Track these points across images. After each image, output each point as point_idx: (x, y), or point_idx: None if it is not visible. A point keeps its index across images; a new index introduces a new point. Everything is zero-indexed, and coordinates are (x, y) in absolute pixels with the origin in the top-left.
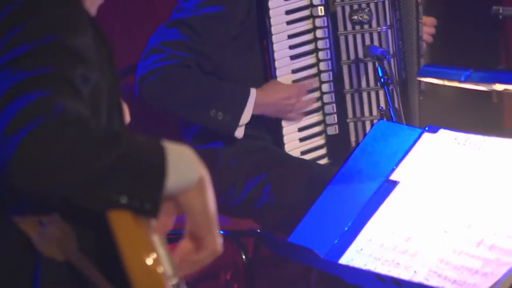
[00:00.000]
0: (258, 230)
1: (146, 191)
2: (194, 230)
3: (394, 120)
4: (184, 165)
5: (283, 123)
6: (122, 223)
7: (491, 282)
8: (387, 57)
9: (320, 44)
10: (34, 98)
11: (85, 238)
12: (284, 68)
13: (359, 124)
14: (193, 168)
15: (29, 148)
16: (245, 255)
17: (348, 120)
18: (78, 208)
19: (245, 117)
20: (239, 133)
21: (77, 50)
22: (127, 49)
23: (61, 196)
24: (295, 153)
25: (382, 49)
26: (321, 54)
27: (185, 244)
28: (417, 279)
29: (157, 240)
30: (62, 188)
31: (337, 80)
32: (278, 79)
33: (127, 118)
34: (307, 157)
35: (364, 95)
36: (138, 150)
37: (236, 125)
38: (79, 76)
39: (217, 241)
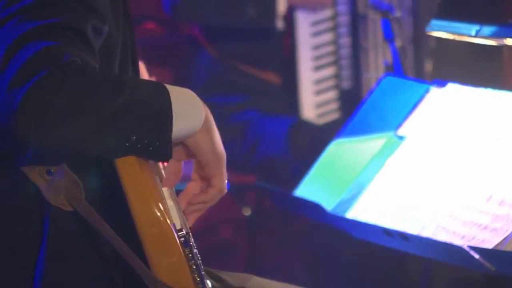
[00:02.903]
0: (264, 184)
1: (156, 133)
2: (203, 169)
3: (399, 76)
4: (188, 107)
5: (301, 75)
6: (130, 173)
7: (501, 237)
8: (392, 12)
9: None
10: (41, 47)
11: (92, 188)
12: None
13: (373, 81)
14: (197, 109)
15: (33, 99)
16: (247, 210)
17: (362, 76)
18: (85, 158)
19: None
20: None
21: (89, 1)
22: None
23: (68, 146)
24: (310, 107)
25: (388, 4)
26: (340, 8)
27: (192, 185)
28: (425, 234)
29: (166, 192)
30: (68, 138)
31: (355, 35)
32: None
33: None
34: (320, 110)
35: (380, 51)
36: (143, 94)
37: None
38: (90, 27)
39: (225, 180)
